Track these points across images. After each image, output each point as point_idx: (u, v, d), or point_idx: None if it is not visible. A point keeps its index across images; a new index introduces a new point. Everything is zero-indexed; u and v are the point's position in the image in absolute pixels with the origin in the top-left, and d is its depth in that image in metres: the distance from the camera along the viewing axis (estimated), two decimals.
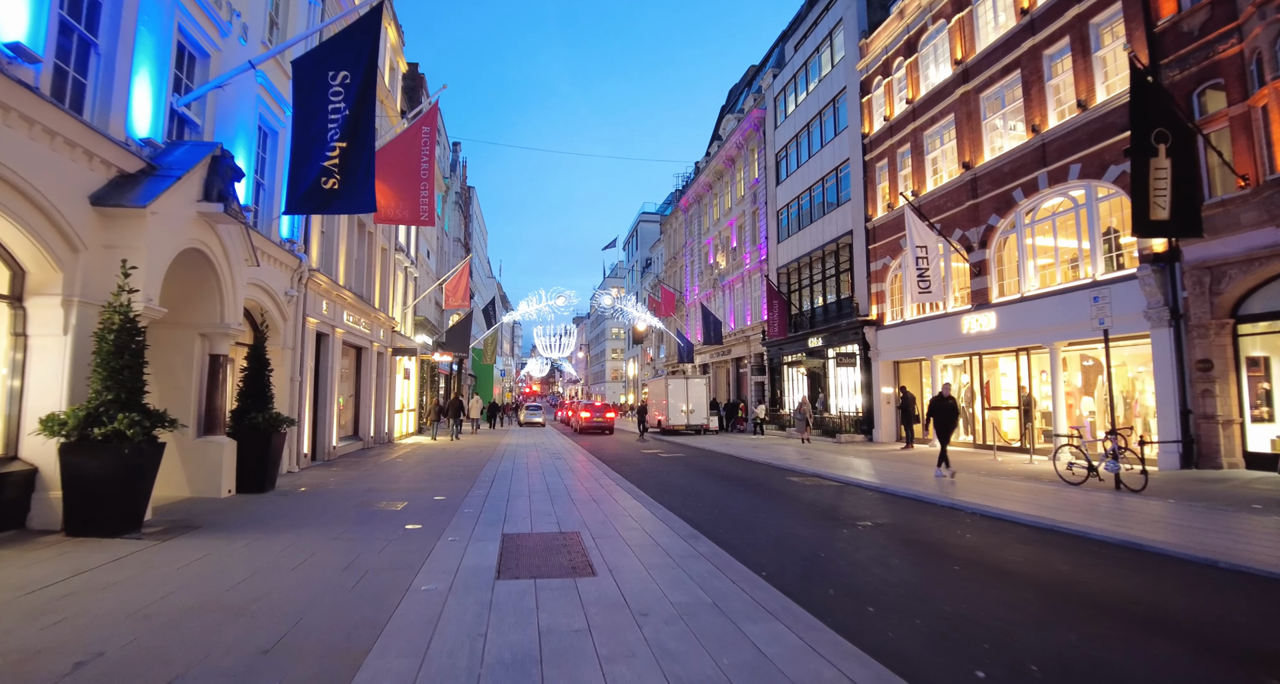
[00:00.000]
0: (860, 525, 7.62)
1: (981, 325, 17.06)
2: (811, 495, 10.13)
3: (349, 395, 18.05)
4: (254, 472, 9.24)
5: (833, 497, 9.99)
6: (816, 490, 10.69)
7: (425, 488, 10.19)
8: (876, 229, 22.11)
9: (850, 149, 23.92)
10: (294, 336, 12.47)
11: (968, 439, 18.65)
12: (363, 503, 8.52)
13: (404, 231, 23.63)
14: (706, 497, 10.10)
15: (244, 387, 9.50)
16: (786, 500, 9.66)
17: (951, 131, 18.70)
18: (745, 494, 10.39)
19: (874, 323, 21.93)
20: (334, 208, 8.63)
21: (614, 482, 11.15)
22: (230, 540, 6.09)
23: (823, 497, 9.98)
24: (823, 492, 10.55)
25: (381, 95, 19.23)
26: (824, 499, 9.75)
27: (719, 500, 9.71)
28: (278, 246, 11.44)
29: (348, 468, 13.13)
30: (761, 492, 10.63)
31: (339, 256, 15.26)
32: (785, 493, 10.48)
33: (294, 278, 12.34)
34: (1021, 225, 16.13)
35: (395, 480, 11.19)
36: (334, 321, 14.79)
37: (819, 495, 10.13)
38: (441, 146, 34.67)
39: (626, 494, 9.58)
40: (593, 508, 8.30)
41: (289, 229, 12.27)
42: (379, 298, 19.21)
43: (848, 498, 9.88)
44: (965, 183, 17.82)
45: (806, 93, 27.96)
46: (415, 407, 25.93)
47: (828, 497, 9.99)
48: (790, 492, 10.59)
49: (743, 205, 34.56)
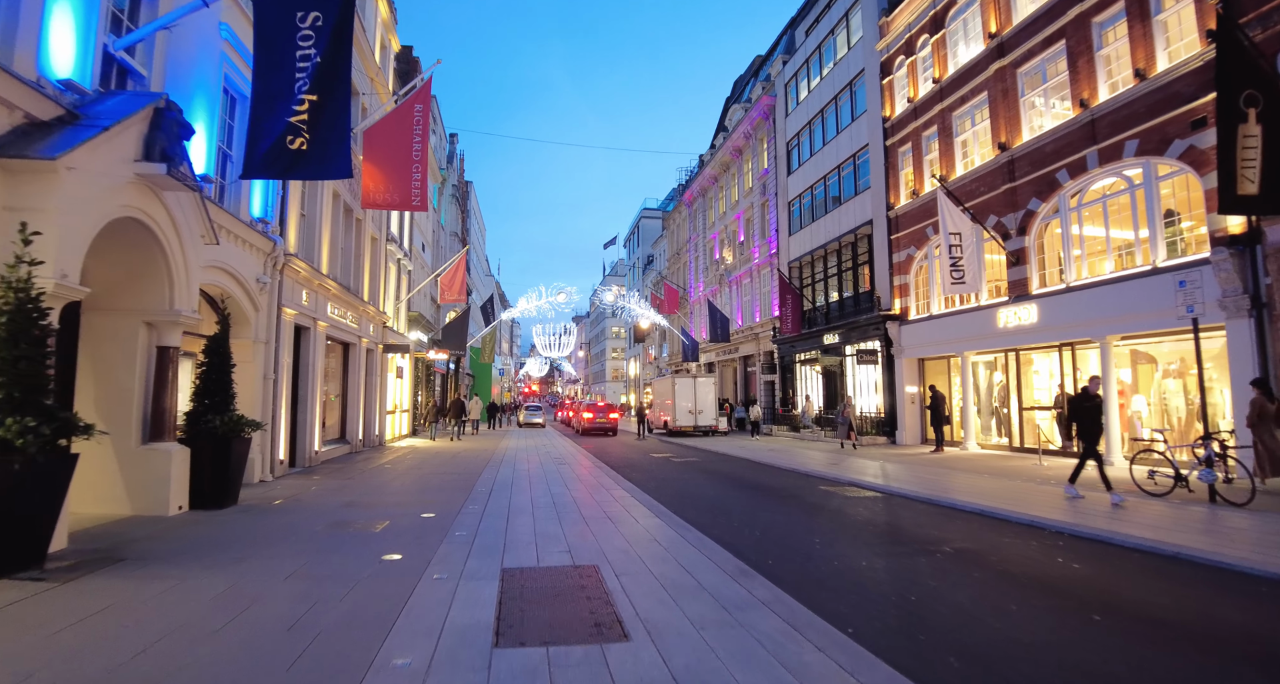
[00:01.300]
0: (938, 552, 6.29)
1: (1020, 319, 15.74)
2: (859, 510, 8.80)
3: (335, 395, 16.70)
4: (212, 484, 7.89)
5: (884, 512, 8.66)
6: (861, 503, 9.36)
7: (413, 501, 8.85)
8: (899, 218, 20.79)
9: (869, 134, 22.59)
10: (268, 329, 11.12)
11: (1001, 441, 17.36)
12: (337, 522, 7.18)
13: (396, 221, 22.27)
14: (738, 512, 8.76)
15: (201, 384, 8.15)
16: (833, 517, 8.32)
17: (984, 111, 17.38)
18: (782, 509, 9.05)
19: (897, 317, 20.60)
20: (302, 171, 7.29)
21: (627, 492, 9.82)
22: (151, 581, 4.75)
23: (872, 512, 8.64)
24: (869, 505, 9.22)
25: (371, 72, 17.89)
26: (875, 515, 8.41)
27: (754, 517, 8.37)
28: (247, 226, 10.10)
29: (330, 476, 11.78)
30: (800, 505, 9.29)
31: (322, 243, 13.92)
32: (827, 507, 9.14)
33: (267, 263, 10.99)
34: (1066, 209, 14.80)
35: (380, 491, 9.85)
36: (316, 313, 13.45)
37: (867, 510, 8.79)
38: (437, 136, 33.32)
39: (645, 509, 8.24)
40: (608, 528, 6.97)
41: (261, 207, 10.92)
42: (368, 290, 17.86)
43: (901, 513, 8.55)
44: (1001, 165, 16.50)
45: (820, 77, 26.63)
46: (409, 407, 24.57)
47: (878, 512, 8.65)
48: (833, 505, 9.26)
49: (751, 198, 33.23)
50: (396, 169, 15.58)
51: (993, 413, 18.00)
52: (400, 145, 15.59)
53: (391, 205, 15.68)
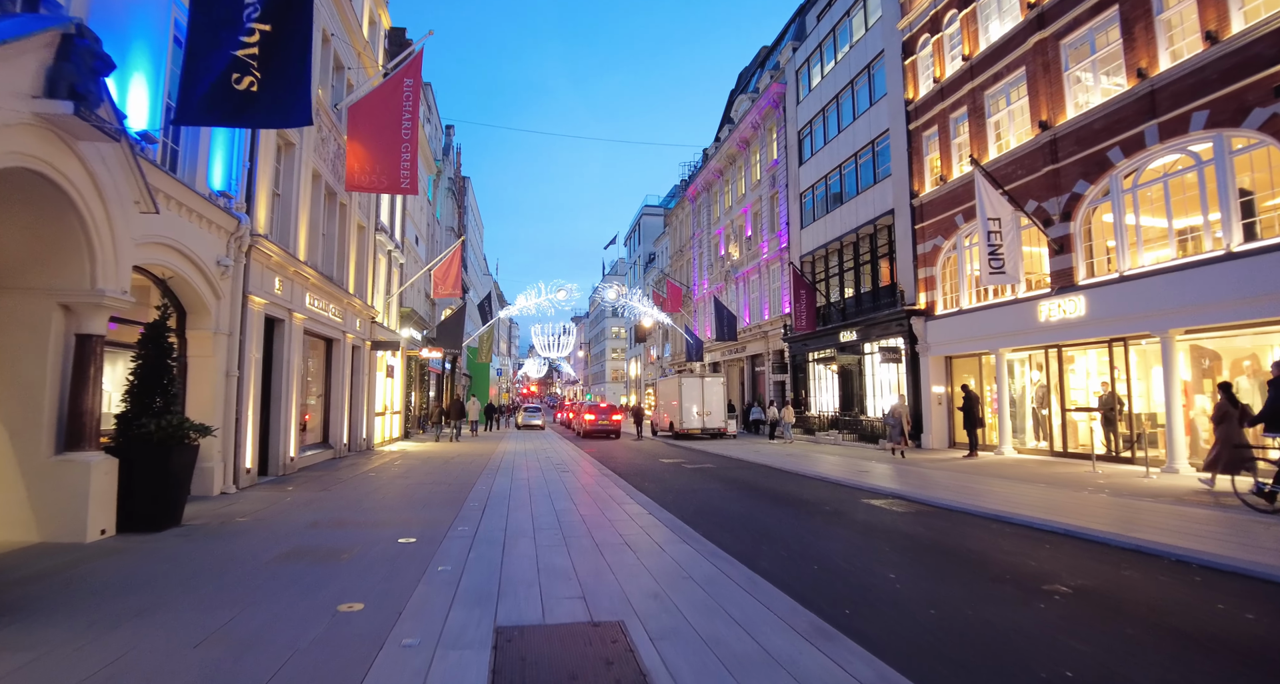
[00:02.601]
0: (1054, 593, 4.92)
1: (1065, 312, 14.40)
2: (920, 531, 7.44)
3: (317, 395, 15.32)
4: (147, 501, 6.52)
5: (952, 533, 7.30)
6: (919, 522, 7.99)
7: (392, 519, 7.48)
8: (924, 206, 19.45)
9: (890, 119, 21.26)
10: (231, 319, 9.75)
11: (1040, 445, 16.02)
12: (293, 551, 5.81)
13: (387, 210, 20.90)
14: (780, 535, 7.39)
15: (136, 382, 6.78)
16: (896, 541, 6.96)
17: (1021, 88, 16.05)
18: (830, 530, 7.69)
19: (922, 312, 19.26)
20: (252, 117, 5.92)
21: (642, 507, 8.45)
22: (3, 654, 3.38)
23: (939, 533, 7.28)
24: (930, 524, 7.85)
25: (358, 46, 16.53)
26: (944, 537, 7.05)
27: (801, 541, 7.01)
28: (205, 200, 8.73)
29: (304, 486, 10.41)
30: (849, 525, 7.93)
31: (299, 226, 12.54)
32: (882, 526, 7.77)
33: (231, 244, 9.62)
34: (1118, 191, 13.47)
35: (356, 506, 8.47)
36: (291, 304, 12.07)
37: (931, 530, 7.43)
38: (432, 125, 31.95)
39: (668, 531, 6.88)
40: (627, 560, 5.61)
41: (224, 180, 9.55)
42: (353, 282, 16.48)
43: (973, 534, 7.19)
44: (1041, 146, 15.17)
45: (835, 61, 25.31)
46: (401, 408, 23.18)
47: (945, 533, 7.29)
48: (888, 524, 7.89)
49: (759, 190, 31.89)
50: (384, 148, 14.26)
51: (1030, 415, 16.66)
52: (388, 123, 14.28)
53: (379, 188, 14.37)
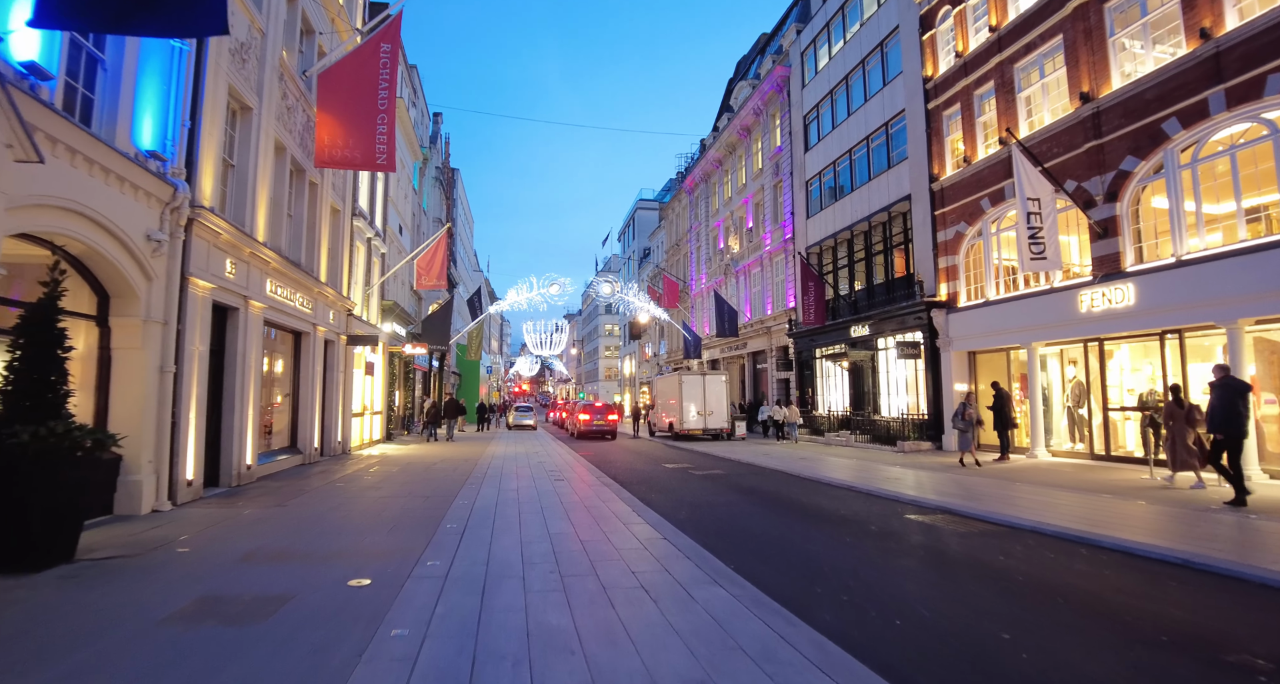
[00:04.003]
0: (1251, 665, 3.53)
1: (1110, 301, 13.07)
2: (1014, 564, 6.03)
3: (284, 395, 13.80)
4: (20, 532, 5.04)
5: (1050, 566, 5.90)
6: (1002, 549, 6.59)
7: (348, 548, 6.02)
8: (945, 191, 18.10)
9: (906, 98, 19.90)
10: (166, 305, 8.24)
11: (1077, 447, 14.72)
12: (201, 603, 4.35)
13: (366, 193, 19.35)
14: (834, 570, 5.97)
15: (11, 381, 5.29)
16: (990, 579, 5.55)
17: (1058, 58, 14.70)
18: (893, 562, 6.28)
19: (944, 304, 17.91)
20: (141, 23, 4.43)
21: (655, 530, 7.03)
22: None
23: (1037, 568, 5.87)
24: (1017, 552, 6.46)
25: (332, 11, 14.98)
26: (1037, 569, 5.66)
27: (868, 582, 5.59)
28: (127, 160, 7.22)
29: (258, 499, 8.92)
30: (913, 554, 6.52)
31: (258, 203, 11.02)
32: (961, 557, 6.37)
33: (165, 215, 8.11)
34: (1174, 167, 12.14)
35: (309, 528, 7.00)
36: (248, 291, 10.56)
37: (1014, 559, 6.04)
38: (418, 110, 30.36)
39: (693, 567, 5.45)
40: (651, 617, 4.17)
41: (156, 138, 8.02)
42: (325, 270, 14.95)
43: (1064, 563, 5.80)
44: (1082, 120, 13.83)
45: (844, 41, 23.93)
46: (382, 408, 21.65)
47: (1042, 566, 5.89)
48: (967, 554, 6.49)
49: (761, 180, 30.48)
50: (359, 120, 12.77)
51: (1065, 414, 15.35)
52: (364, 92, 12.78)
53: (353, 164, 12.87)
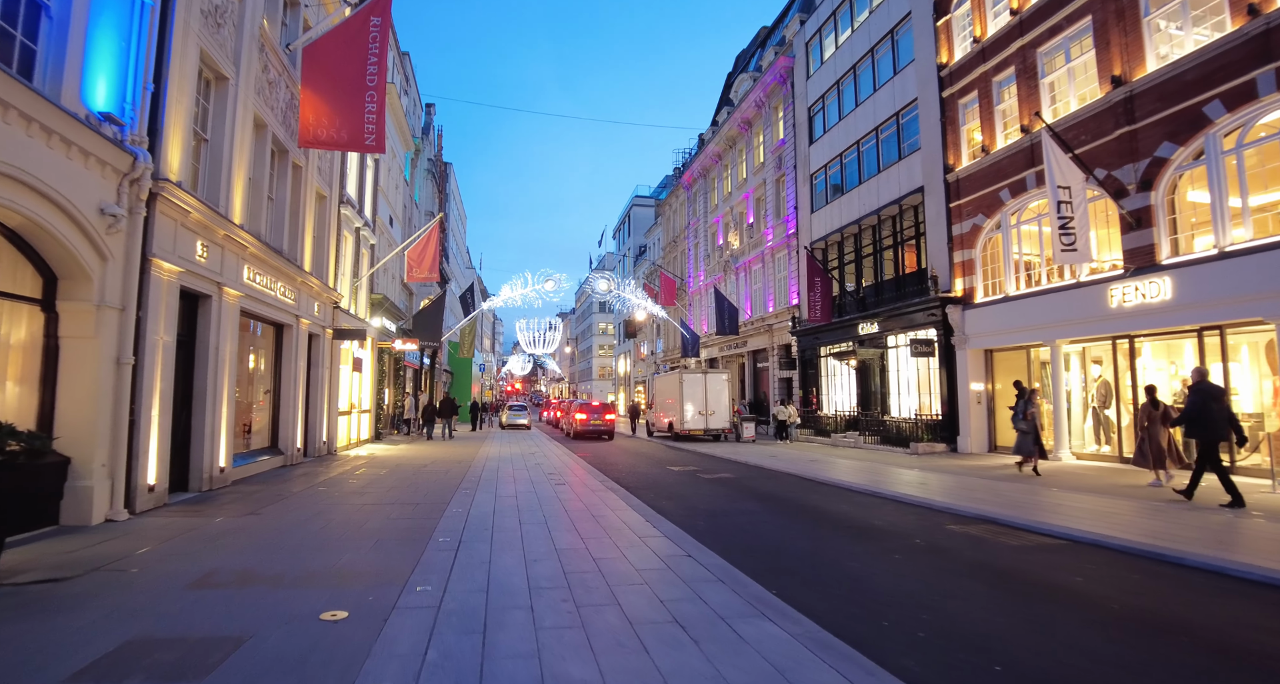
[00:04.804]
0: None
1: (1143, 296, 12.36)
2: (1088, 585, 5.24)
3: (265, 391, 12.88)
4: None
5: (1136, 588, 5.11)
6: (1068, 566, 5.80)
7: (323, 568, 5.15)
8: (961, 182, 17.36)
9: (919, 87, 19.16)
10: (124, 289, 7.34)
11: (1103, 449, 14.01)
12: (126, 650, 3.48)
13: (355, 180, 18.41)
14: (893, 596, 5.15)
15: None
16: (1076, 606, 4.75)
17: (1086, 41, 13.98)
18: (951, 584, 5.47)
19: (959, 300, 17.17)
20: None
21: (676, 544, 6.19)
22: None
23: (1125, 592, 5.08)
24: (1090, 572, 5.67)
25: None
26: (1138, 599, 4.87)
27: (939, 611, 4.77)
28: (76, 121, 6.32)
29: (229, 507, 8.02)
30: (977, 575, 5.71)
31: (234, 182, 10.11)
32: (1033, 578, 5.56)
33: (123, 187, 7.20)
34: (1216, 152, 11.43)
35: (280, 543, 6.12)
36: (222, 277, 9.64)
37: (1109, 587, 5.24)
38: (410, 99, 29.41)
39: (729, 592, 4.63)
40: (696, 666, 3.34)
41: (112, 99, 7.11)
42: (310, 259, 14.03)
43: (1187, 595, 5.02)
44: (1113, 105, 13.11)
45: (851, 29, 23.18)
46: (371, 406, 20.71)
47: (1128, 588, 5.10)
48: (1032, 570, 5.69)
49: (763, 174, 29.71)
50: (346, 98, 11.92)
51: (1090, 415, 14.63)
52: (351, 68, 11.94)
53: (338, 144, 12.02)
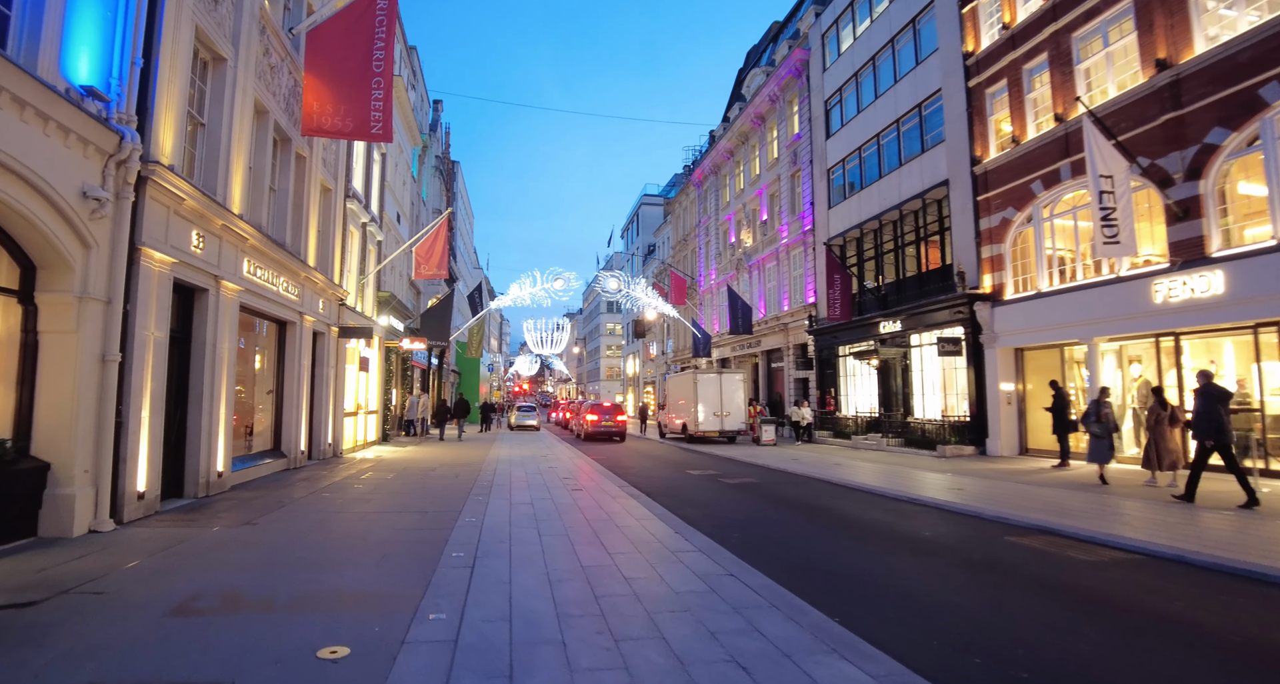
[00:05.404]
0: None
1: (1192, 290, 11.67)
2: (1193, 611, 4.60)
3: (267, 392, 12.34)
4: None
5: (1253, 617, 4.46)
6: (1157, 588, 5.16)
7: (320, 591, 4.56)
8: (989, 174, 16.68)
9: (943, 77, 18.49)
10: (110, 280, 6.78)
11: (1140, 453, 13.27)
12: None
13: (361, 174, 17.88)
14: (971, 622, 4.52)
15: None
16: (1190, 638, 4.11)
17: (1126, 23, 13.30)
18: (1036, 609, 4.83)
19: (988, 297, 16.49)
20: None
21: (712, 559, 5.57)
22: None
23: (1242, 621, 4.44)
24: (1193, 596, 5.01)
25: None
26: (1261, 629, 4.22)
27: (1031, 645, 4.12)
28: (55, 93, 5.76)
29: (224, 516, 7.46)
30: (1056, 597, 5.07)
31: (232, 168, 9.56)
32: (1130, 603, 4.92)
33: (108, 169, 6.65)
34: (1273, 137, 10.74)
35: (277, 559, 5.54)
36: (219, 269, 9.09)
37: (1219, 616, 4.60)
38: (417, 94, 28.91)
39: (790, 623, 4.01)
40: None
41: (96, 72, 6.55)
42: (315, 254, 13.48)
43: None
44: (1157, 90, 12.43)
45: (870, 19, 22.52)
46: (378, 407, 20.17)
47: (1242, 616, 4.46)
48: (1123, 593, 5.05)
49: (777, 169, 29.05)
50: (351, 84, 11.36)
51: (1130, 417, 13.92)
52: (356, 53, 11.38)
53: (343, 132, 11.45)
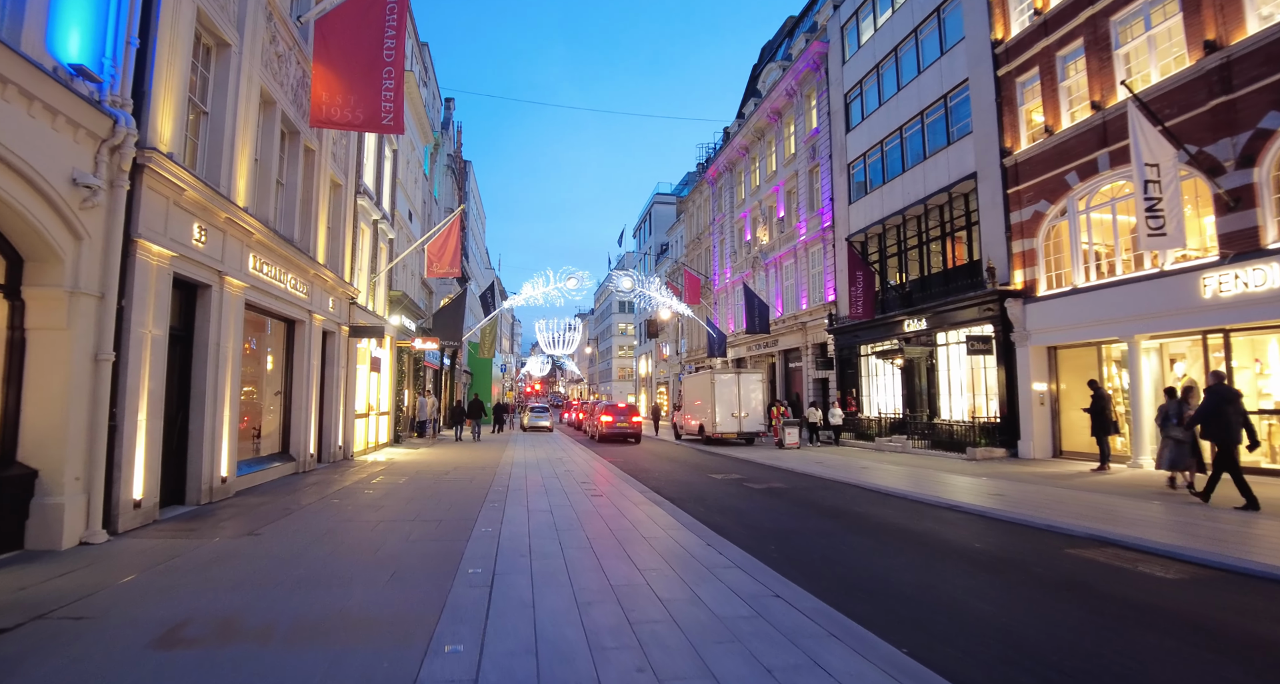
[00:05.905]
0: None
1: (1245, 284, 11.01)
2: None
3: (275, 393, 11.95)
4: None
5: None
6: (1256, 609, 4.59)
7: (324, 615, 4.10)
8: (1020, 166, 16.03)
9: (970, 66, 17.85)
10: (103, 273, 6.37)
11: None
12: None
13: (372, 170, 17.50)
14: (1058, 648, 3.96)
15: None
16: None
17: (1172, 4, 12.63)
18: (1122, 637, 4.27)
19: (1019, 294, 15.84)
20: None
21: (754, 578, 5.06)
22: None
23: None
24: None
25: None
26: None
27: (1130, 681, 3.60)
28: (41, 72, 5.35)
29: (226, 525, 7.04)
30: (1144, 621, 4.52)
31: (236, 159, 9.16)
32: (1232, 629, 4.36)
33: (100, 155, 6.24)
34: None
35: (277, 577, 5.09)
36: (223, 265, 8.69)
37: None
38: (429, 91, 28.58)
39: (852, 655, 3.50)
40: None
41: (87, 50, 6.14)
42: (325, 251, 13.09)
43: None
44: (1205, 74, 11.77)
45: (891, 10, 21.89)
46: (390, 408, 19.79)
47: None
48: (1219, 617, 4.49)
49: (794, 165, 28.45)
50: (361, 74, 11.00)
51: None
52: (367, 43, 11.03)
53: (353, 124, 11.11)
